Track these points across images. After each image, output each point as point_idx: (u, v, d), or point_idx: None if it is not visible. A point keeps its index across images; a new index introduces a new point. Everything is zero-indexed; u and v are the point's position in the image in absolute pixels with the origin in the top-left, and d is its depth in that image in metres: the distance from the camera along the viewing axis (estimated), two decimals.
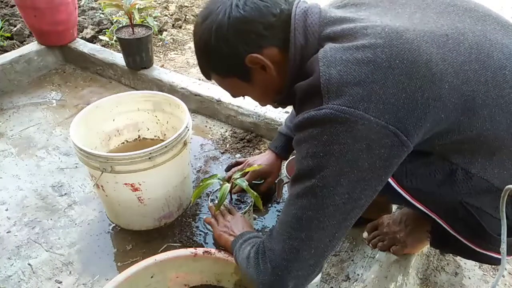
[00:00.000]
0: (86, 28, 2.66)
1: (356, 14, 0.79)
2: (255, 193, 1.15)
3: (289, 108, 1.35)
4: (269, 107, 1.03)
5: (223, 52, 0.80)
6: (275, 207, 1.45)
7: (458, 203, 0.83)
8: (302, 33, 0.78)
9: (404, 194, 0.86)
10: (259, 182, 1.37)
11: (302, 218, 0.75)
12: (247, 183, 1.16)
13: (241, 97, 0.96)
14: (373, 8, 0.81)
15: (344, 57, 0.70)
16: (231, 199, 1.24)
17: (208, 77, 0.91)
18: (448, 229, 0.90)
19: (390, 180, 0.82)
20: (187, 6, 3.12)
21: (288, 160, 1.42)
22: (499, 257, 0.89)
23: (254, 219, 1.39)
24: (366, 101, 0.67)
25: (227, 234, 1.04)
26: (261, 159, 1.30)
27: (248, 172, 1.26)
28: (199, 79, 2.04)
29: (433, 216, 0.89)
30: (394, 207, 1.29)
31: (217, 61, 0.85)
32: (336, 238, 0.77)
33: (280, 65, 0.82)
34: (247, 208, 1.20)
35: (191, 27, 2.93)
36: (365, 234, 1.22)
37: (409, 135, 0.69)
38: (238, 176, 1.18)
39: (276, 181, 1.37)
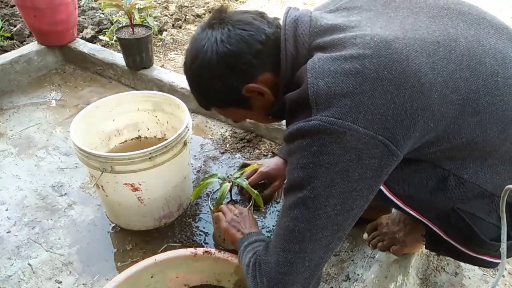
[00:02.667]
0: (86, 28, 2.66)
1: (347, 20, 0.78)
2: (255, 192, 1.15)
3: None
4: None
5: (218, 88, 0.82)
6: (275, 207, 1.45)
7: (451, 209, 0.83)
8: (292, 43, 0.78)
9: (396, 201, 0.86)
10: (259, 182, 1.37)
11: (295, 230, 0.74)
12: (247, 182, 1.16)
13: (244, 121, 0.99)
14: (366, 12, 0.80)
15: (332, 68, 0.70)
16: (231, 198, 1.24)
17: (208, 109, 0.94)
18: (442, 234, 0.90)
19: (382, 187, 0.82)
20: (187, 6, 3.12)
21: None
22: (493, 260, 0.90)
23: None
24: (354, 112, 0.67)
25: (235, 229, 1.03)
26: (268, 163, 1.30)
27: (247, 171, 1.26)
28: None
29: (426, 222, 0.89)
30: None
31: (214, 97, 0.87)
32: (330, 249, 0.77)
33: (275, 87, 0.82)
34: (248, 207, 1.20)
35: (191, 27, 2.93)
36: (365, 235, 1.22)
37: (398, 144, 0.69)
38: (238, 176, 1.18)
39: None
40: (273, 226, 1.37)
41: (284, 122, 1.67)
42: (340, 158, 0.68)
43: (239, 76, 0.80)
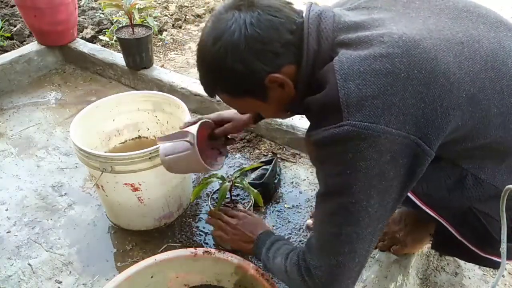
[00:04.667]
0: (86, 28, 2.66)
1: (370, 18, 0.77)
2: (255, 190, 1.15)
3: None
4: None
5: (240, 73, 0.76)
6: (274, 207, 1.45)
7: (467, 208, 0.84)
8: (315, 38, 0.76)
9: (414, 199, 0.86)
10: (258, 182, 1.37)
11: (342, 233, 0.75)
12: (247, 181, 1.17)
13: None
14: (386, 12, 0.79)
15: (362, 69, 0.68)
16: (231, 198, 1.24)
17: (212, 95, 0.88)
18: (455, 233, 0.90)
19: None
20: (187, 6, 3.12)
21: None
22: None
23: None
24: (386, 114, 0.66)
25: (242, 241, 1.05)
26: (236, 113, 1.17)
27: (247, 169, 1.26)
28: None
29: (441, 221, 0.89)
30: None
31: (232, 82, 0.80)
32: (374, 241, 0.78)
33: (296, 80, 0.80)
34: (248, 206, 1.21)
35: (191, 27, 2.93)
36: None
37: (432, 144, 0.69)
38: (238, 175, 1.18)
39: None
40: (273, 226, 1.37)
41: (283, 122, 1.68)
42: (377, 162, 0.68)
43: (264, 63, 0.75)
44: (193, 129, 1.02)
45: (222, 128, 1.13)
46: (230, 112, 1.13)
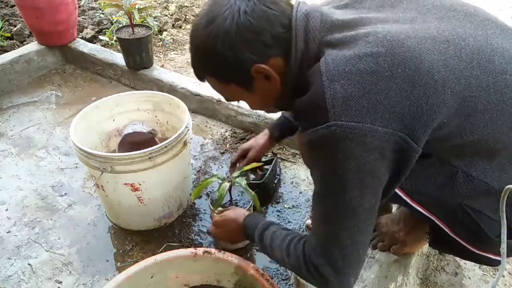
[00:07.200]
0: (86, 28, 2.66)
1: (358, 17, 0.78)
2: (253, 193, 1.15)
3: None
4: None
5: (228, 60, 0.77)
6: (274, 207, 1.45)
7: (458, 205, 0.84)
8: (303, 38, 0.77)
9: (404, 197, 0.86)
10: (258, 181, 1.37)
11: (342, 229, 0.77)
12: (246, 182, 1.17)
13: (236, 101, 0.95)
14: (374, 12, 0.80)
15: (347, 69, 0.70)
16: (231, 198, 1.24)
17: (202, 79, 0.88)
18: (447, 230, 0.90)
19: None
20: (187, 6, 3.12)
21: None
22: (497, 258, 0.90)
23: None
24: (372, 113, 0.68)
25: (228, 237, 1.11)
26: (255, 140, 1.30)
27: (247, 169, 1.26)
28: None
29: (433, 218, 0.90)
30: (394, 206, 1.29)
31: (219, 67, 0.81)
32: (371, 232, 0.81)
33: (283, 74, 0.81)
34: (248, 207, 1.21)
35: (191, 27, 2.93)
36: None
37: (418, 140, 0.71)
38: (237, 175, 1.18)
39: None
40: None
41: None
42: (366, 159, 0.69)
43: (252, 52, 0.76)
44: None
45: (246, 159, 1.24)
46: (247, 143, 1.22)
